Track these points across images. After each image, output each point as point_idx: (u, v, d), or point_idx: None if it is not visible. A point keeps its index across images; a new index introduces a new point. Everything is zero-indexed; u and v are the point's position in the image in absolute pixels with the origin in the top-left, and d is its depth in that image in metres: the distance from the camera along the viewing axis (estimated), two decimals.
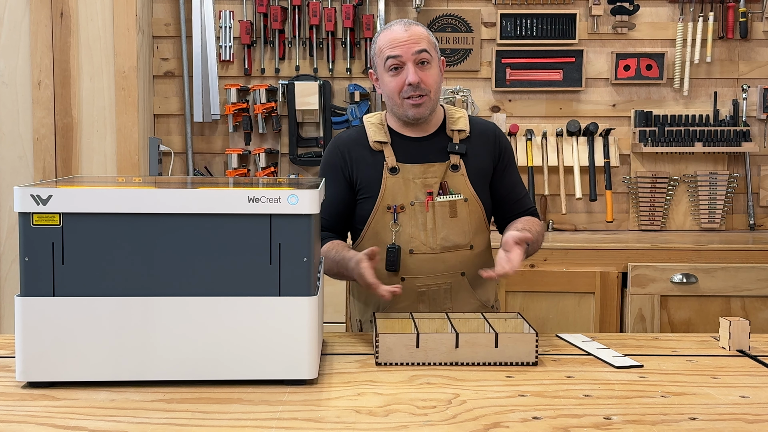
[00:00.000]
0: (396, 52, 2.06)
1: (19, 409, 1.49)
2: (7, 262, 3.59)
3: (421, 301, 2.14)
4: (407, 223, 2.12)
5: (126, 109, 3.56)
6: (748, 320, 1.93)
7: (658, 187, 3.89)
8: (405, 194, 2.13)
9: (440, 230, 2.12)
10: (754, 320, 3.17)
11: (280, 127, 3.88)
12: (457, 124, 2.18)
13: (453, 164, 2.14)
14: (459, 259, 2.14)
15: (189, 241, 1.59)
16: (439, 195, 2.13)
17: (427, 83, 2.08)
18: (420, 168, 2.13)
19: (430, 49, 2.09)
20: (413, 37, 2.07)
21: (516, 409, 1.50)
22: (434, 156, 2.15)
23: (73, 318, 1.58)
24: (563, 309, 3.35)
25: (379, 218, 2.13)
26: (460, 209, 2.13)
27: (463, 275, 2.16)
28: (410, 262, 2.12)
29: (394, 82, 2.09)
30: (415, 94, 2.08)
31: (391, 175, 2.13)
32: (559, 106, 3.92)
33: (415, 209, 2.12)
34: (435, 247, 2.12)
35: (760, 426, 1.42)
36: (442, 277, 2.14)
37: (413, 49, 2.06)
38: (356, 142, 2.18)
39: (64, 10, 3.53)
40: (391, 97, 2.12)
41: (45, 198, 1.55)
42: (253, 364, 1.61)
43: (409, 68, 2.06)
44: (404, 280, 2.13)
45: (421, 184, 2.13)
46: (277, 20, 3.79)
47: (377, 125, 2.18)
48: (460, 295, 2.16)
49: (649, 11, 3.90)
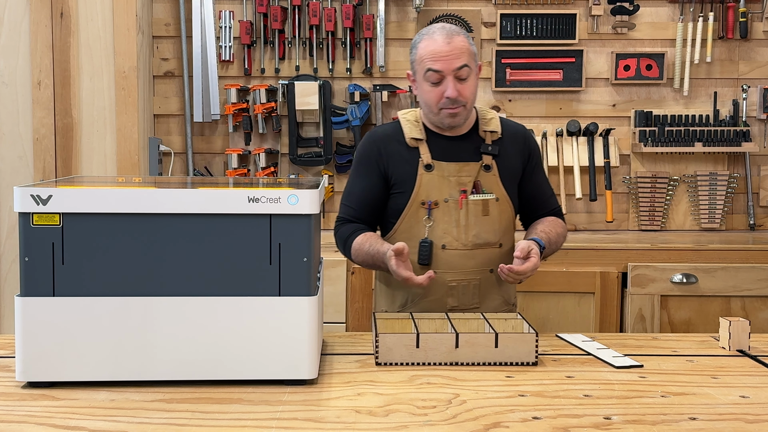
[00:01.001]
0: (437, 67, 2.11)
1: (19, 409, 1.49)
2: (7, 262, 3.59)
3: (451, 295, 2.20)
4: (441, 219, 2.18)
5: (126, 109, 3.56)
6: (748, 320, 1.93)
7: (658, 187, 3.89)
8: (439, 191, 2.18)
9: (472, 227, 2.18)
10: (754, 320, 3.16)
11: (280, 127, 3.88)
12: (489, 125, 2.24)
13: (486, 164, 2.21)
14: (488, 256, 2.21)
15: (189, 241, 1.59)
16: (473, 194, 2.19)
17: (465, 96, 2.14)
18: (455, 166, 2.19)
19: (470, 62, 2.13)
20: (455, 51, 2.11)
21: (516, 409, 1.50)
22: (468, 155, 2.21)
23: (73, 318, 1.58)
24: (563, 309, 3.35)
25: (413, 213, 2.19)
26: (492, 208, 2.20)
27: (491, 272, 2.22)
28: (442, 257, 2.18)
29: (433, 93, 2.14)
30: (452, 106, 2.13)
31: (426, 171, 2.19)
32: (559, 106, 3.92)
33: (449, 206, 2.18)
34: (467, 243, 2.18)
35: (760, 426, 1.42)
36: (472, 273, 2.20)
37: (454, 64, 2.11)
38: (392, 138, 2.24)
39: (64, 10, 3.53)
40: (429, 106, 2.17)
41: (45, 198, 1.55)
42: (253, 364, 1.61)
43: (448, 82, 2.11)
44: (435, 274, 2.15)
45: (455, 182, 2.19)
46: (277, 20, 3.79)
47: (413, 122, 2.24)
48: (488, 291, 2.23)
49: (649, 11, 3.89)
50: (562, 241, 2.29)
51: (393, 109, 3.84)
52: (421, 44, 2.16)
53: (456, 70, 2.11)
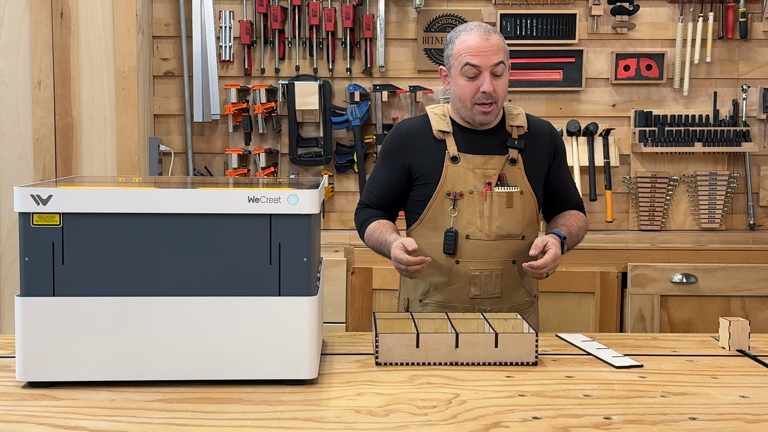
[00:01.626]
0: (476, 62, 2.17)
1: (19, 409, 1.49)
2: (7, 262, 3.59)
3: (473, 284, 2.24)
4: (465, 210, 2.23)
5: (126, 109, 3.56)
6: (748, 320, 1.93)
7: (658, 187, 3.89)
8: (464, 182, 2.23)
9: (496, 219, 2.23)
10: (754, 320, 3.16)
11: (280, 127, 3.88)
12: (515, 121, 2.30)
13: (511, 158, 2.26)
14: (511, 247, 2.25)
15: (189, 241, 1.59)
16: (497, 186, 2.23)
17: (498, 92, 2.20)
18: (481, 159, 2.24)
19: (505, 59, 2.21)
20: (493, 47, 2.17)
21: (516, 409, 1.50)
22: (494, 149, 2.26)
23: (73, 318, 1.58)
24: (563, 309, 3.35)
25: (438, 203, 2.24)
26: (516, 201, 2.24)
27: (513, 263, 2.26)
28: (466, 247, 2.23)
29: (469, 87, 2.19)
30: (487, 101, 2.18)
31: (452, 163, 2.24)
32: (559, 106, 3.92)
33: (474, 197, 2.23)
34: (490, 234, 2.23)
35: (760, 426, 1.42)
36: (495, 263, 2.24)
37: (492, 60, 2.17)
38: (419, 131, 2.30)
39: (64, 10, 3.53)
40: (463, 101, 2.22)
41: (45, 198, 1.55)
42: (253, 364, 1.61)
43: (485, 77, 2.17)
44: (458, 263, 2.23)
45: (480, 175, 2.23)
46: (277, 20, 3.79)
47: (440, 116, 2.30)
48: (509, 282, 2.27)
49: (649, 11, 3.89)
50: (583, 234, 2.36)
51: (393, 109, 3.84)
52: (458, 39, 2.21)
53: (493, 66, 2.17)
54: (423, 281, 2.29)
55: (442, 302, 2.27)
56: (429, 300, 2.29)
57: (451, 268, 2.24)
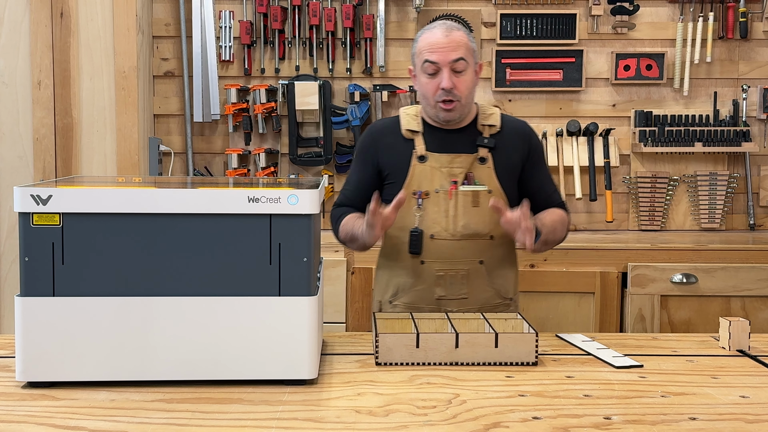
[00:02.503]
0: (433, 58, 2.15)
1: (19, 409, 1.49)
2: (7, 262, 3.59)
3: (439, 285, 2.22)
4: (431, 209, 2.21)
5: (126, 109, 3.56)
6: (748, 320, 1.93)
7: (658, 187, 3.89)
8: (431, 181, 2.22)
9: (461, 218, 2.21)
10: (754, 320, 3.16)
11: (280, 127, 3.88)
12: (488, 120, 2.28)
13: (481, 157, 2.23)
14: (478, 247, 2.22)
15: (189, 241, 1.59)
16: (464, 184, 2.21)
17: (460, 89, 2.16)
18: (447, 157, 2.22)
19: (467, 56, 2.17)
20: (452, 43, 2.15)
21: (516, 409, 1.50)
22: (463, 147, 2.24)
23: (73, 318, 1.58)
24: (563, 309, 3.35)
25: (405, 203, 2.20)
26: (482, 200, 2.21)
27: (481, 263, 2.23)
28: (431, 247, 2.21)
29: (429, 84, 2.18)
30: (447, 99, 2.16)
31: (419, 162, 2.23)
32: (559, 106, 3.92)
33: (439, 196, 2.21)
34: (455, 233, 2.21)
35: (760, 426, 1.42)
36: (461, 263, 2.22)
37: (451, 56, 2.14)
38: (390, 130, 2.29)
39: (64, 10, 3.53)
40: (426, 98, 2.21)
41: (45, 198, 1.55)
42: (253, 364, 1.61)
43: (444, 74, 2.15)
44: (424, 264, 2.22)
45: (447, 173, 2.21)
46: (277, 20, 3.79)
47: (412, 116, 2.29)
48: (477, 282, 2.23)
49: (649, 11, 3.89)
50: (561, 228, 2.26)
51: (393, 109, 3.84)
52: (421, 37, 2.21)
53: (452, 62, 2.14)
54: (392, 282, 2.28)
55: (409, 303, 2.25)
56: (398, 301, 2.27)
57: (417, 269, 2.22)
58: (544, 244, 2.19)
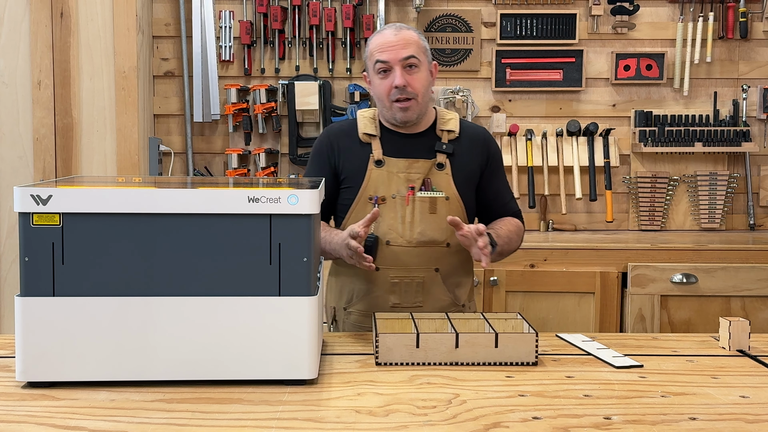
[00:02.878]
0: (384, 57, 2.12)
1: (19, 409, 1.49)
2: (7, 262, 3.59)
3: (393, 293, 2.18)
4: (387, 215, 2.17)
5: (126, 109, 3.56)
6: (748, 320, 1.93)
7: (658, 187, 3.89)
8: (387, 187, 2.18)
9: (417, 225, 2.17)
10: (754, 320, 3.16)
11: (280, 127, 3.88)
12: (447, 125, 2.23)
13: (439, 163, 2.19)
14: (434, 255, 2.18)
15: (189, 241, 1.59)
16: (421, 191, 2.17)
17: (414, 87, 2.13)
18: (405, 163, 2.18)
19: (418, 53, 2.14)
20: (401, 41, 2.13)
21: (516, 409, 1.50)
22: (421, 153, 2.20)
23: (73, 318, 1.58)
24: (563, 309, 3.35)
25: (361, 208, 2.18)
26: (440, 206, 2.17)
27: (437, 271, 2.19)
28: (386, 253, 2.16)
29: (383, 85, 2.15)
30: (402, 97, 2.13)
31: (376, 167, 2.19)
32: (559, 106, 3.92)
33: (395, 202, 2.17)
34: (411, 240, 2.17)
35: (760, 426, 1.42)
36: (416, 270, 2.18)
37: (401, 54, 2.12)
38: (346, 133, 2.25)
39: (64, 10, 3.53)
40: (381, 99, 2.18)
41: (45, 198, 1.55)
42: (253, 364, 1.61)
43: (396, 72, 2.12)
44: (379, 270, 2.17)
45: (404, 179, 2.18)
46: (277, 20, 3.79)
47: (369, 119, 2.25)
48: (433, 290, 2.20)
49: (649, 11, 3.89)
50: (516, 238, 2.24)
51: None
52: (372, 41, 2.19)
53: (403, 60, 2.12)
54: (347, 289, 2.24)
55: (364, 311, 2.21)
56: (352, 308, 2.23)
57: (372, 276, 2.18)
58: (499, 255, 2.15)
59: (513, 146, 3.87)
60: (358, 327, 2.22)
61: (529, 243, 3.41)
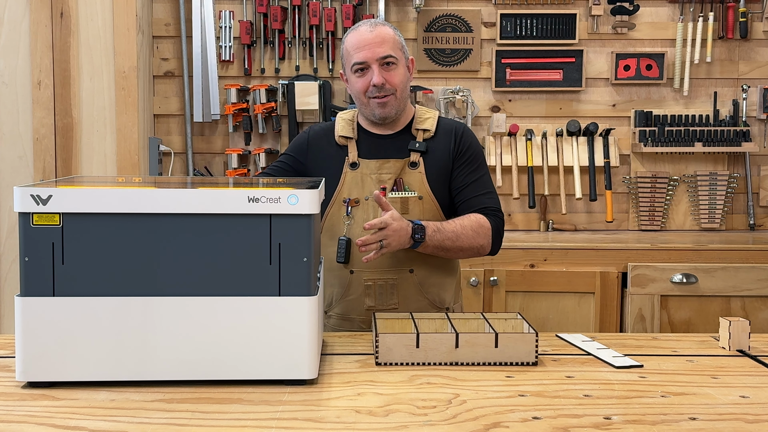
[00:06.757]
0: (361, 57, 2.11)
1: (19, 409, 1.49)
2: (7, 262, 3.59)
3: (368, 295, 2.17)
4: (360, 216, 2.16)
5: (126, 109, 3.56)
6: (748, 320, 1.93)
7: (658, 187, 3.89)
8: (361, 189, 2.17)
9: None
10: (754, 320, 3.17)
11: (280, 127, 3.88)
12: (423, 124, 2.21)
13: (412, 162, 2.17)
14: (408, 256, 2.15)
15: (189, 241, 1.59)
16: (393, 191, 2.16)
17: (393, 83, 2.13)
18: (376, 163, 2.17)
19: (395, 50, 2.13)
20: (377, 39, 2.11)
21: (516, 409, 1.50)
22: (394, 153, 2.19)
23: (73, 318, 1.58)
24: (563, 309, 3.35)
25: (335, 211, 2.18)
26: (412, 206, 2.16)
27: (411, 272, 2.17)
28: (359, 256, 2.11)
29: (360, 82, 2.14)
30: (380, 94, 2.12)
31: (350, 170, 2.18)
32: (559, 106, 3.92)
33: (368, 204, 2.16)
34: None
35: (760, 426, 1.42)
36: (389, 272, 2.16)
37: (378, 52, 2.11)
38: (325, 135, 2.25)
39: (64, 10, 3.53)
40: (358, 97, 2.17)
41: (45, 198, 1.55)
42: (253, 364, 1.61)
43: (374, 70, 2.11)
44: (353, 273, 2.17)
45: (376, 180, 2.16)
46: (277, 20, 3.79)
47: (347, 121, 2.24)
48: (407, 292, 2.18)
49: (649, 11, 3.90)
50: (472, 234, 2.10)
51: None
52: (347, 39, 2.17)
53: (380, 58, 2.11)
54: (325, 293, 2.21)
55: (342, 314, 2.20)
56: (332, 312, 2.22)
57: (347, 279, 2.17)
58: (441, 249, 2.08)
59: (513, 146, 3.87)
60: (337, 331, 2.19)
61: (529, 243, 3.41)
